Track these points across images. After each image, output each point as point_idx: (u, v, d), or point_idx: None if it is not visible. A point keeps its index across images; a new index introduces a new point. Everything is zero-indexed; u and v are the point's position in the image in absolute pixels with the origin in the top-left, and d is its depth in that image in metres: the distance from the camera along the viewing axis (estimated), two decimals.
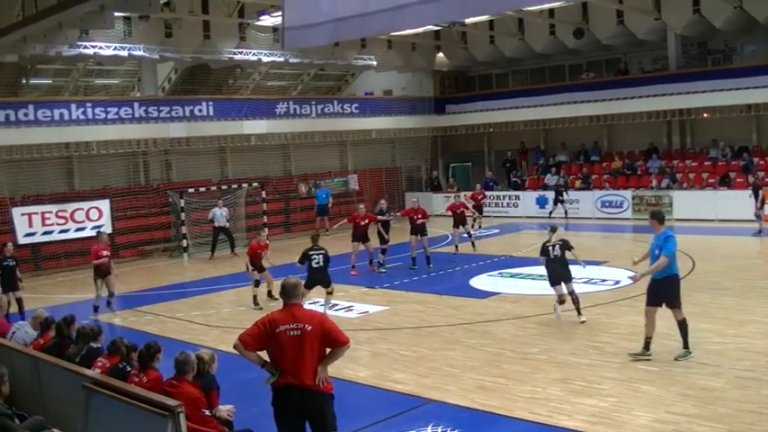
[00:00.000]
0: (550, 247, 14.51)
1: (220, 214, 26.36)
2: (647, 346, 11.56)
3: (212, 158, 31.41)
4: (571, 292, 14.28)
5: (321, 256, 15.73)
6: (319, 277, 15.70)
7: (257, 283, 17.96)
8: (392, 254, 22.32)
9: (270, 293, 17.93)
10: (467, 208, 25.13)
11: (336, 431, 7.34)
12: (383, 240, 21.91)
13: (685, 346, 11.44)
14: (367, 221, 21.31)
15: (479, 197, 28.11)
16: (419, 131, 36.92)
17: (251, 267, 17.77)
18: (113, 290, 18.03)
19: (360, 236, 21.14)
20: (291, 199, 32.43)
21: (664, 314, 12.17)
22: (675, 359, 11.35)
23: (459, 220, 23.93)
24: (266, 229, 19.90)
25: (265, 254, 18.08)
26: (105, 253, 17.85)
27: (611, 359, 11.61)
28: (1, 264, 16.99)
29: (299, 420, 7.27)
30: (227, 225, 26.70)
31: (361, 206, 22.73)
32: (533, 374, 11.18)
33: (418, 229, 21.55)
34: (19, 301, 16.82)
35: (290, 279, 7.58)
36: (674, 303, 11.45)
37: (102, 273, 17.73)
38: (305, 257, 15.88)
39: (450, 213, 24.16)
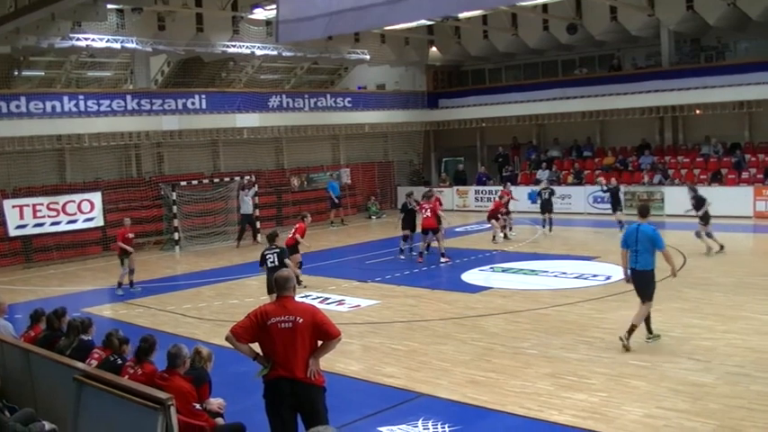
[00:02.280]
0: (542, 192, 24.98)
1: (248, 201, 26.90)
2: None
3: (205, 151, 31.38)
4: (551, 219, 25.20)
5: (275, 255, 15.38)
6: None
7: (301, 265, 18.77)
8: (384, 247, 22.36)
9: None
10: (510, 195, 26.15)
11: (328, 424, 7.35)
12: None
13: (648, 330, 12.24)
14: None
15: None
16: (412, 126, 36.92)
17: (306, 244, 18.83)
18: (134, 266, 19.69)
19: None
20: (284, 192, 32.40)
21: (655, 309, 12.26)
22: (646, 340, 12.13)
23: (494, 215, 24.86)
24: (309, 215, 20.19)
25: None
26: (131, 235, 19.74)
27: (601, 354, 11.65)
28: None
29: (290, 413, 7.27)
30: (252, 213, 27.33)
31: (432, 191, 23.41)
32: (524, 369, 11.21)
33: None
34: None
35: (283, 272, 7.62)
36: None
37: (127, 253, 19.38)
38: (262, 259, 15.61)
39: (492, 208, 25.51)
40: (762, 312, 13.52)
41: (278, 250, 15.58)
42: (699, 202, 20.48)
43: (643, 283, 11.88)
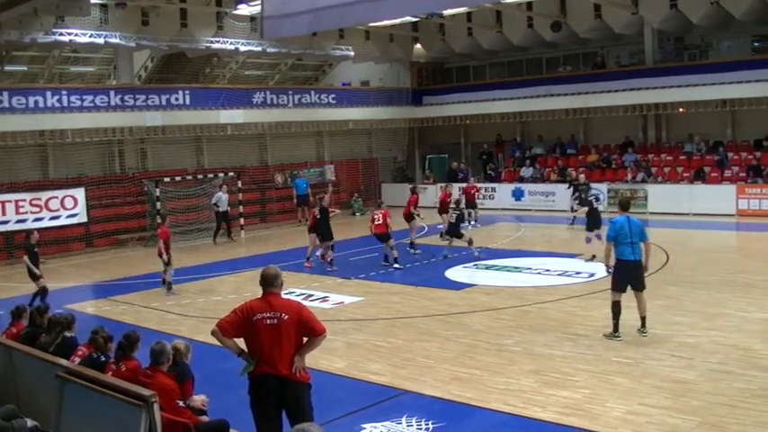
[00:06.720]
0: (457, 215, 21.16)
1: (225, 199, 26.89)
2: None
3: (188, 148, 31.23)
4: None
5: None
6: None
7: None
8: (368, 244, 22.36)
9: None
10: (478, 190, 26.53)
11: (313, 421, 7.33)
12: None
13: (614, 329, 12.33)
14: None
15: (472, 191, 27.60)
16: (396, 122, 36.90)
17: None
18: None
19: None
20: (267, 189, 32.32)
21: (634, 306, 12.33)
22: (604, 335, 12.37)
23: (472, 202, 25.51)
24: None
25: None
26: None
27: (585, 351, 11.69)
28: None
29: (275, 410, 7.24)
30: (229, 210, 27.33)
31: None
32: (508, 366, 11.23)
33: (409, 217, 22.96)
34: None
35: (270, 268, 7.52)
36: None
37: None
38: None
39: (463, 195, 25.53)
40: (744, 310, 13.62)
41: None
42: None
43: (641, 272, 12.23)
